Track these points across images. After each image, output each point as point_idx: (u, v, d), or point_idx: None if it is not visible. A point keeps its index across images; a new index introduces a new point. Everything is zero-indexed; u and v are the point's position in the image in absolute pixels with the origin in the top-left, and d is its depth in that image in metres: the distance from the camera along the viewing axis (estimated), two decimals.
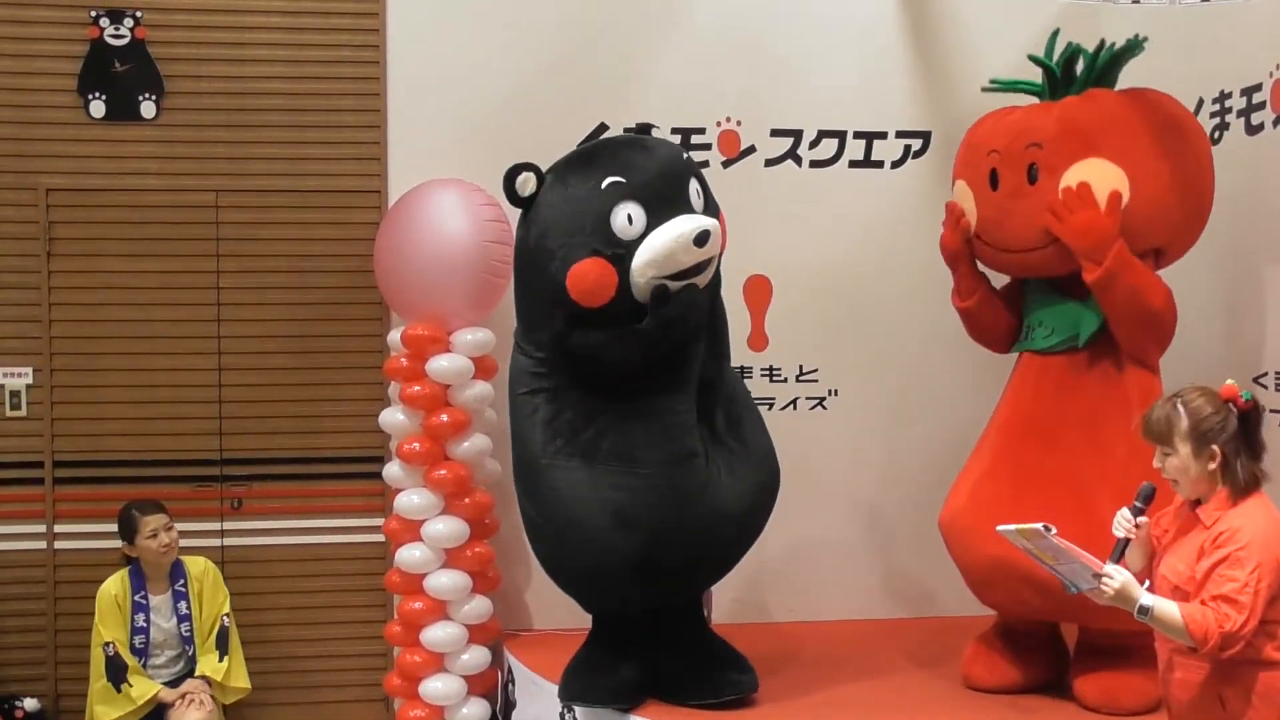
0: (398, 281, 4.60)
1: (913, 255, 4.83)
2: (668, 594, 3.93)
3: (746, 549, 4.05)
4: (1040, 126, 3.93)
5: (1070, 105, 3.95)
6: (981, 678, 4.11)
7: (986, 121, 4.18)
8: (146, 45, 4.79)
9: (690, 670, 3.98)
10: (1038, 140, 3.90)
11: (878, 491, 5.09)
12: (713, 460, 3.82)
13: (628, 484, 3.70)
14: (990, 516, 3.83)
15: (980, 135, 4.16)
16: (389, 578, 4.68)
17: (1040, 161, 3.88)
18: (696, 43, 4.94)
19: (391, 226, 4.63)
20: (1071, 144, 3.84)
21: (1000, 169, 3.99)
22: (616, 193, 3.67)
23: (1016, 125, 4.01)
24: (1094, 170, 3.78)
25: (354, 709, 4.96)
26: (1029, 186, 3.90)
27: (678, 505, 3.71)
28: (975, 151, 4.13)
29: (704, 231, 3.61)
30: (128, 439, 4.83)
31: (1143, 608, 2.76)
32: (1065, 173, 3.81)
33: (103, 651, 4.34)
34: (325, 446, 4.92)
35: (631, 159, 3.77)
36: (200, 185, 4.84)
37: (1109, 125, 3.85)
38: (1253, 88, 4.30)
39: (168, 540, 4.42)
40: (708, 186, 3.89)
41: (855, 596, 5.13)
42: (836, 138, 5.05)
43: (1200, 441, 2.82)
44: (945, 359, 4.94)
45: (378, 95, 4.89)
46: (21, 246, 4.77)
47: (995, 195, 4.01)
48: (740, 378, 4.19)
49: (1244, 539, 2.73)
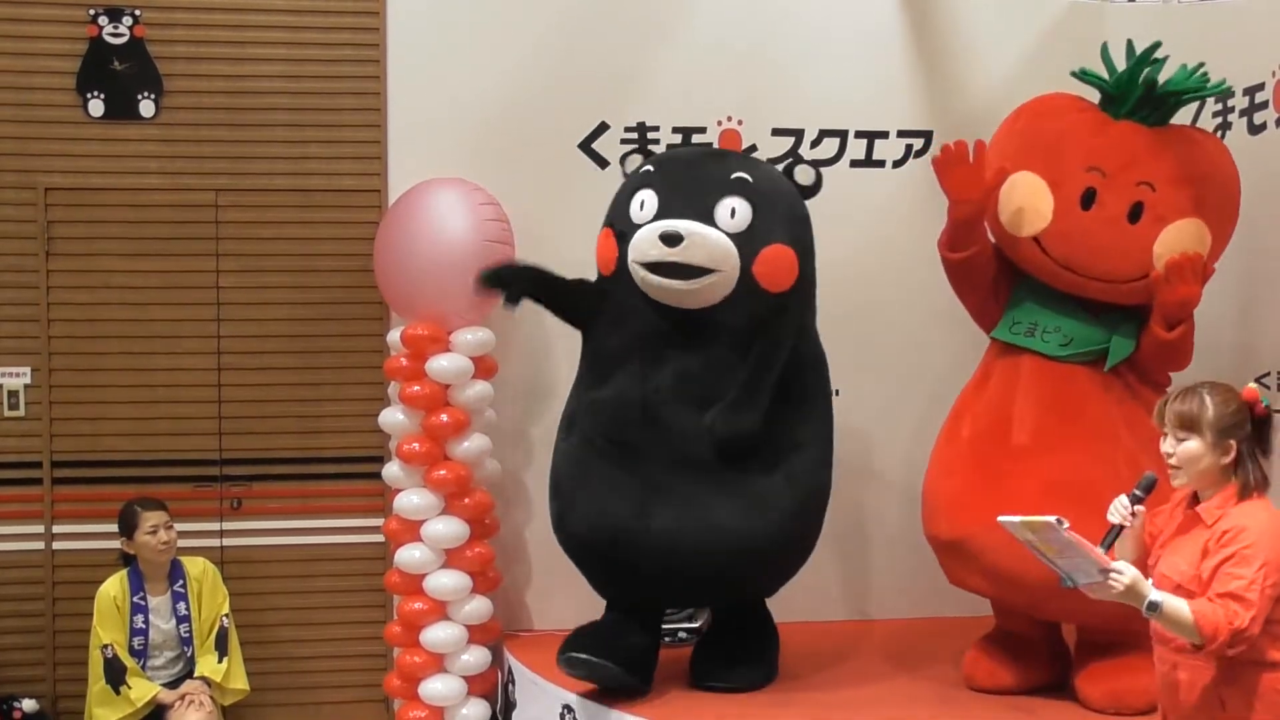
0: (398, 281, 4.59)
1: (914, 254, 4.81)
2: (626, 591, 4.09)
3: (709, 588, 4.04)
4: (1155, 166, 3.81)
5: (1184, 149, 3.85)
6: (983, 680, 4.10)
7: (1079, 123, 3.94)
8: (146, 44, 4.78)
9: (714, 654, 4.10)
10: (1151, 180, 3.79)
11: (878, 490, 5.08)
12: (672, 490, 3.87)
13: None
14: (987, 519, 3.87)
15: (1077, 142, 3.90)
16: (389, 578, 4.67)
17: (1148, 204, 3.79)
18: (697, 42, 4.93)
19: (392, 226, 4.62)
20: (1184, 199, 3.79)
21: (1102, 193, 3.83)
22: (642, 179, 4.00)
23: (1129, 151, 3.84)
24: (1191, 233, 3.79)
25: (354, 710, 4.95)
26: (1128, 224, 3.82)
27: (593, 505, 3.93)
28: (1067, 157, 3.89)
29: (674, 233, 3.79)
30: (127, 439, 4.81)
31: (1152, 604, 2.73)
32: (1168, 226, 3.78)
33: (101, 654, 4.33)
34: (325, 446, 4.91)
35: (677, 157, 4.18)
36: (200, 184, 4.82)
37: (1213, 187, 3.85)
38: (1255, 87, 4.30)
39: (166, 538, 4.41)
40: (767, 217, 3.90)
41: (856, 597, 5.12)
42: (838, 137, 5.03)
43: (1221, 434, 2.84)
44: (947, 358, 4.92)
45: (378, 94, 4.88)
46: (20, 246, 4.75)
47: (1084, 215, 3.84)
48: (732, 420, 3.90)
49: (1250, 537, 2.73)
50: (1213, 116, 4.56)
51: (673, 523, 3.84)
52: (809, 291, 4.12)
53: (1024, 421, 3.96)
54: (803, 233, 4.05)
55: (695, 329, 3.94)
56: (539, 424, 4.91)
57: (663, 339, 3.96)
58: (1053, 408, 3.93)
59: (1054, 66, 4.89)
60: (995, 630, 4.21)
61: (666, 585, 3.99)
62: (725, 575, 3.93)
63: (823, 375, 4.21)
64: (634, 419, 3.90)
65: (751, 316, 3.91)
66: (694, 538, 3.83)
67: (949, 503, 4.02)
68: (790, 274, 3.94)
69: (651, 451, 3.88)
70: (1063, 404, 3.92)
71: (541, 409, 4.89)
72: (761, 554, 3.94)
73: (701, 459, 3.86)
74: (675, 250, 3.79)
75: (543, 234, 4.73)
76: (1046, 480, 3.79)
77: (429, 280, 4.49)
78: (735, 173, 3.96)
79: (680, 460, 3.87)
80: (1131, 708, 3.78)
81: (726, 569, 3.90)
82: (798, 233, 4.01)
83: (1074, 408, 3.91)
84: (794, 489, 3.97)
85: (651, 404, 3.91)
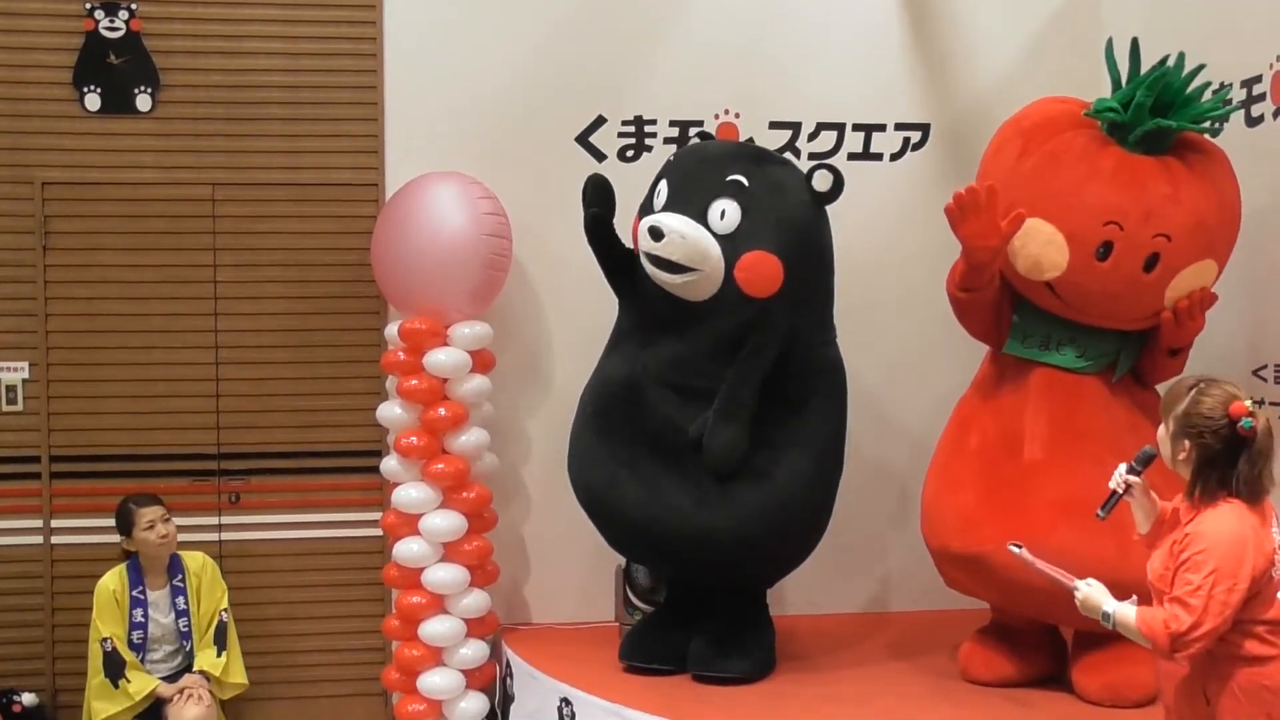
0: (395, 275, 4.59)
1: (912, 247, 4.82)
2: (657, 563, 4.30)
3: (727, 568, 4.13)
4: (1171, 217, 3.78)
5: (1198, 198, 3.83)
6: (980, 672, 4.11)
7: (1094, 172, 3.84)
8: (142, 38, 4.77)
9: (701, 641, 4.16)
10: (1167, 232, 3.78)
11: (875, 485, 5.08)
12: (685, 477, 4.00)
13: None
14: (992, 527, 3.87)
15: (1096, 197, 3.81)
16: (387, 572, 4.67)
17: (1164, 254, 3.80)
18: (695, 35, 4.93)
19: (389, 220, 4.62)
20: (1197, 247, 3.82)
21: (1120, 247, 3.79)
22: (665, 169, 4.18)
23: (1145, 204, 3.78)
24: (1201, 274, 3.86)
25: (352, 703, 4.96)
26: (1144, 274, 3.82)
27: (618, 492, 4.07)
28: (1086, 211, 3.82)
29: (656, 228, 3.90)
30: (125, 433, 4.81)
31: (1105, 614, 2.88)
32: (1181, 274, 3.82)
33: (100, 647, 4.33)
34: (323, 441, 4.91)
35: (694, 152, 4.26)
36: (197, 179, 4.82)
37: (1222, 219, 3.88)
38: (1253, 79, 4.29)
39: (165, 532, 4.41)
40: (759, 222, 3.93)
41: (853, 590, 5.13)
42: (835, 130, 5.03)
43: (1181, 431, 2.86)
44: (945, 352, 4.92)
45: (375, 88, 4.87)
46: (17, 240, 4.75)
47: (1100, 266, 3.82)
48: (720, 437, 3.96)
49: (1203, 543, 2.75)
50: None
51: (639, 499, 4.02)
52: (804, 299, 4.09)
53: (1036, 436, 3.95)
54: (798, 241, 4.00)
55: (689, 320, 4.01)
56: (537, 417, 4.91)
57: (662, 324, 4.08)
58: (1066, 420, 3.93)
59: (1052, 59, 4.91)
60: (992, 623, 4.22)
61: (643, 557, 4.34)
62: (683, 557, 4.08)
63: (832, 381, 4.22)
64: (616, 395, 4.11)
65: (735, 319, 3.96)
66: (654, 516, 4.00)
67: (960, 518, 3.98)
68: (773, 282, 3.93)
69: (629, 429, 4.07)
70: (1074, 416, 3.93)
71: (539, 402, 4.90)
72: (720, 545, 3.98)
73: (672, 444, 4.00)
74: (658, 245, 3.91)
75: (540, 228, 4.73)
76: (1060, 495, 3.78)
77: (427, 274, 4.48)
78: (733, 175, 3.99)
79: (653, 442, 4.03)
80: (1127, 699, 3.79)
81: (684, 552, 4.04)
82: (790, 240, 3.97)
83: (1084, 419, 3.92)
84: (764, 487, 3.97)
85: (639, 384, 4.08)
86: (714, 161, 4.10)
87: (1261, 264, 4.22)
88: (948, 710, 3.92)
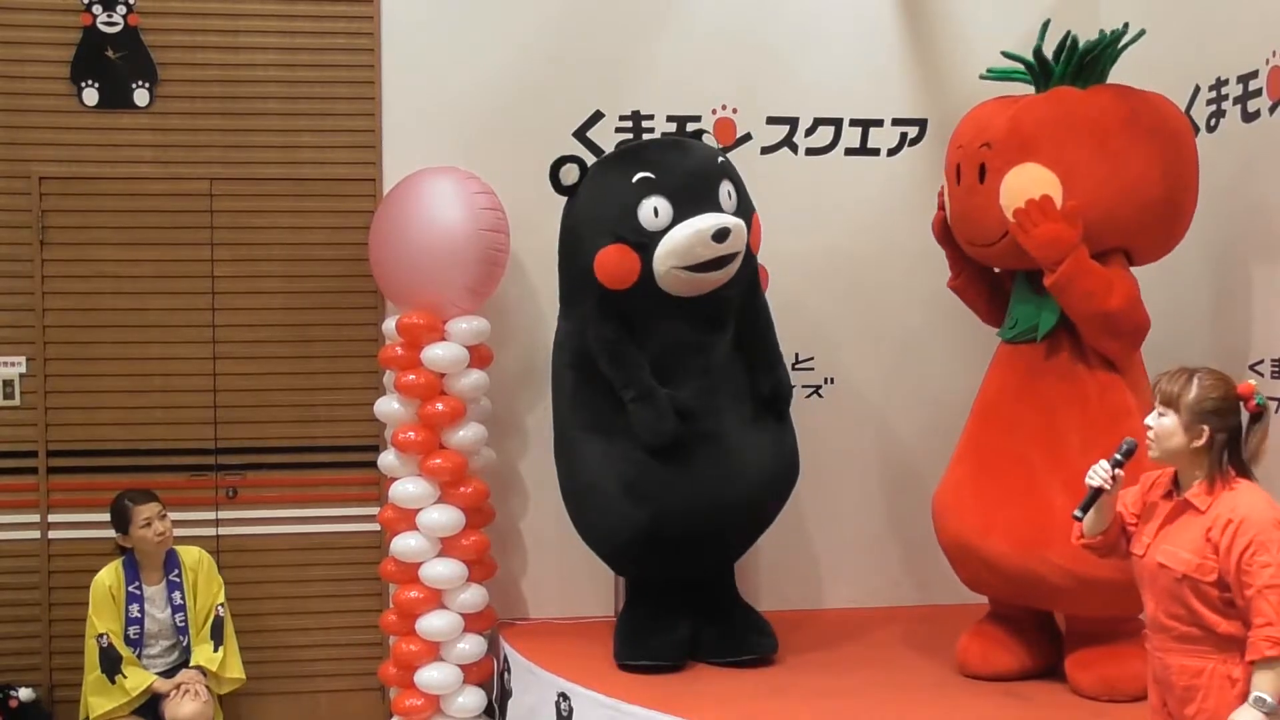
0: (392, 270, 4.59)
1: (909, 243, 4.82)
2: (680, 564, 4.20)
3: (755, 533, 4.36)
4: (994, 126, 3.98)
5: (1026, 106, 3.97)
6: (977, 665, 4.12)
7: (969, 114, 4.21)
8: (140, 32, 4.77)
9: (718, 632, 4.25)
10: (989, 140, 3.96)
11: (874, 479, 5.09)
12: (730, 449, 4.09)
13: (639, 459, 4.04)
14: (956, 501, 4.07)
15: (958, 129, 4.21)
16: (384, 567, 4.67)
17: (988, 162, 3.94)
18: (692, 30, 4.93)
19: (386, 214, 4.62)
20: (1012, 148, 3.89)
21: (962, 165, 4.06)
22: (645, 187, 4.02)
23: (978, 122, 4.07)
24: (1027, 175, 3.83)
25: (349, 698, 4.96)
26: (979, 185, 3.96)
27: (684, 485, 4.02)
28: (950, 144, 4.21)
29: (723, 229, 3.92)
30: (122, 428, 4.81)
31: (1258, 697, 2.72)
32: (1005, 176, 3.87)
33: (97, 643, 4.33)
34: (320, 435, 4.91)
35: (666, 158, 4.14)
36: (194, 173, 4.82)
37: (1053, 128, 3.86)
38: (1249, 75, 4.29)
39: (162, 529, 4.41)
40: (743, 189, 4.23)
41: (852, 584, 5.13)
42: (833, 125, 5.04)
43: (1196, 418, 2.86)
44: (942, 346, 4.94)
45: (372, 83, 4.87)
46: (14, 235, 4.75)
47: (958, 190, 4.10)
48: (786, 379, 4.35)
49: (1257, 523, 2.77)
50: (1206, 105, 4.56)
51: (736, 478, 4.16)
52: None
53: (990, 411, 4.09)
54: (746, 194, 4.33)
55: (702, 319, 4.15)
56: (534, 412, 4.91)
57: (680, 349, 4.16)
58: (1018, 393, 4.01)
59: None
60: (988, 616, 4.23)
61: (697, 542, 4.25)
62: (747, 519, 4.30)
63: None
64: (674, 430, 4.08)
65: (739, 286, 4.17)
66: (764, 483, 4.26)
67: (956, 507, 4.09)
68: (759, 232, 4.27)
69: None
70: (1013, 384, 4.03)
71: (537, 397, 4.89)
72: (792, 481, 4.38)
73: (707, 431, 4.11)
74: (724, 245, 3.96)
75: (537, 222, 4.73)
76: (1002, 461, 3.97)
77: (424, 269, 4.48)
78: (712, 156, 4.19)
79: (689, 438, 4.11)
80: (1122, 694, 3.79)
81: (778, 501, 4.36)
82: (747, 195, 4.30)
83: (1024, 386, 4.00)
84: (786, 426, 4.38)
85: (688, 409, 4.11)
86: (688, 154, 4.17)
87: (1257, 255, 4.23)
88: (945, 704, 3.92)
